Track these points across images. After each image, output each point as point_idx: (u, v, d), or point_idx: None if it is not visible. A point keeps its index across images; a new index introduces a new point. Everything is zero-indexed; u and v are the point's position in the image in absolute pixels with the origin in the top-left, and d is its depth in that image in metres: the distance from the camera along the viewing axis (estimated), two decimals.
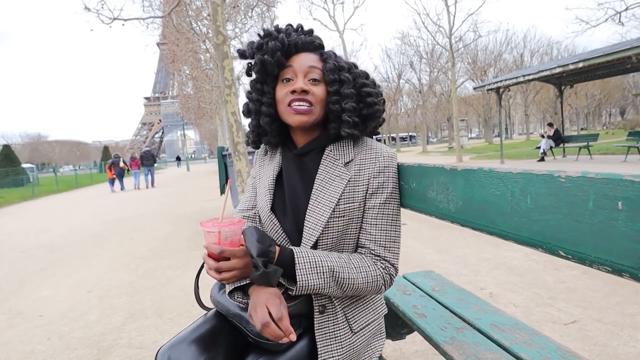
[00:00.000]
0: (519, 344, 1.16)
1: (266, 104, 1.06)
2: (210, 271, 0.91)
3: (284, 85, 1.04)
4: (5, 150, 28.68)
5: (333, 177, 1.02)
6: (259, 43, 1.04)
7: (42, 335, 2.79)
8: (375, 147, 1.06)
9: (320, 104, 1.03)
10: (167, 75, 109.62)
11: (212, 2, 4.69)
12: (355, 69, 1.09)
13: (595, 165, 10.51)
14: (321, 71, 1.05)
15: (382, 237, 1.02)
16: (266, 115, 1.06)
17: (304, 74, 1.03)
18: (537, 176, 0.64)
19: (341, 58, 1.09)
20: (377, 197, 1.02)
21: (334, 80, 1.04)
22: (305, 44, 1.06)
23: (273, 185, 1.09)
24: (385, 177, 1.03)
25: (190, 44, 15.66)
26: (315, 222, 0.98)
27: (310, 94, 1.01)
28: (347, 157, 1.05)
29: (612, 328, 2.22)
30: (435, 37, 23.86)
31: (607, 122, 63.64)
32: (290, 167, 1.08)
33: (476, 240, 4.25)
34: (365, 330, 1.04)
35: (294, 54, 1.05)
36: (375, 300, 1.11)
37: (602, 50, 10.52)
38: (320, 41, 1.10)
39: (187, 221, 7.20)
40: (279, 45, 1.01)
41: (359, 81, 1.06)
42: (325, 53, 1.08)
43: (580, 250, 0.57)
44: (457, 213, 0.85)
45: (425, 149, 34.03)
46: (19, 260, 5.36)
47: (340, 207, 0.99)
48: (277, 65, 1.03)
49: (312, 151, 1.08)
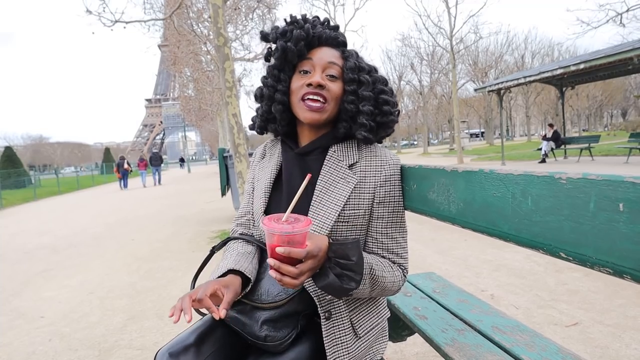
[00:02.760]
0: (520, 346, 1.16)
1: (281, 92, 1.05)
2: (285, 278, 0.78)
3: (301, 77, 1.03)
4: (7, 152, 28.76)
5: (337, 180, 1.01)
6: (283, 29, 1.03)
7: (43, 337, 2.79)
8: (380, 154, 1.04)
9: (335, 101, 1.02)
10: (168, 77, 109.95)
11: (213, 4, 4.70)
12: (376, 72, 1.08)
13: (597, 167, 10.49)
14: (340, 68, 1.03)
15: (393, 245, 1.03)
16: (279, 103, 1.05)
17: (323, 68, 1.02)
18: (538, 178, 0.64)
19: (362, 59, 1.08)
20: (385, 207, 1.01)
21: (352, 80, 1.02)
22: (329, 38, 1.05)
23: (270, 187, 1.07)
24: (391, 185, 1.02)
25: (191, 45, 15.67)
26: (320, 226, 0.96)
27: (326, 89, 1.00)
28: (351, 159, 1.03)
29: (614, 330, 2.21)
30: (436, 39, 23.85)
31: (609, 124, 63.53)
32: (291, 166, 1.06)
33: (477, 242, 4.24)
34: (369, 334, 1.04)
35: (316, 46, 1.04)
36: (380, 305, 1.11)
37: (604, 51, 10.51)
38: (344, 38, 1.09)
39: (188, 222, 7.20)
40: (303, 35, 1.00)
41: (377, 86, 1.05)
42: (348, 51, 1.07)
43: (582, 252, 0.57)
44: (457, 215, 0.85)
45: (426, 151, 34.01)
46: (21, 261, 5.37)
47: (346, 212, 0.98)
48: (298, 55, 1.02)
49: (315, 150, 1.06)
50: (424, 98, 35.42)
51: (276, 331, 0.92)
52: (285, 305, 0.94)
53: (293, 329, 0.95)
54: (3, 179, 20.67)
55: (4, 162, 27.30)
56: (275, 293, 0.94)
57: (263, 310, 0.93)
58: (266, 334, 0.91)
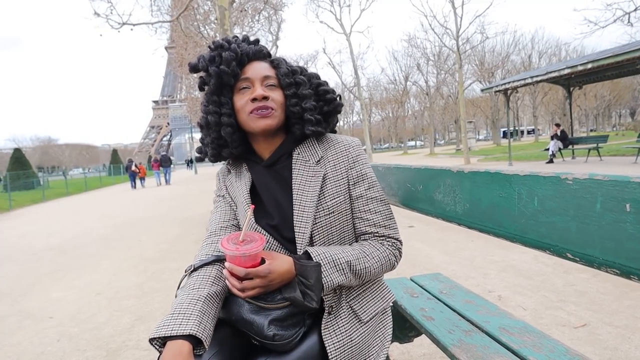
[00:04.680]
0: (527, 347, 1.15)
1: (226, 115, 1.06)
2: (233, 289, 0.91)
3: (242, 95, 1.06)
4: (16, 154, 29.06)
5: (309, 178, 1.05)
6: (210, 56, 1.05)
7: (52, 337, 2.82)
8: (341, 140, 1.11)
9: (281, 108, 1.07)
10: (175, 78, 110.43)
11: (220, 6, 4.73)
12: (306, 71, 1.13)
13: (605, 167, 10.39)
14: (276, 77, 1.08)
15: (379, 219, 1.07)
16: (227, 125, 1.06)
17: (261, 81, 1.05)
18: (544, 178, 0.64)
19: (290, 63, 1.13)
20: (361, 185, 1.07)
21: (290, 84, 1.07)
22: (255, 52, 1.09)
23: (249, 199, 1.09)
24: (361, 164, 1.08)
25: (198, 47, 15.74)
26: (305, 223, 1.00)
27: (270, 99, 1.04)
28: (316, 156, 1.08)
29: (623, 332, 2.19)
30: (442, 39, 23.83)
31: (617, 123, 62.92)
32: (264, 179, 1.10)
33: (484, 243, 4.22)
34: (374, 319, 1.07)
35: (246, 63, 1.07)
36: (382, 289, 1.14)
37: (611, 50, 10.43)
38: (267, 50, 1.14)
39: (194, 223, 7.23)
40: (232, 55, 1.03)
41: (314, 81, 1.11)
42: (276, 59, 1.12)
43: (588, 253, 0.57)
44: (464, 215, 0.85)
45: (432, 151, 33.88)
46: (30, 262, 5.42)
47: (327, 203, 1.03)
48: (233, 75, 1.04)
49: (280, 158, 1.10)
50: (431, 99, 35.27)
51: (284, 330, 0.93)
52: (292, 305, 0.95)
53: (300, 327, 0.97)
54: (12, 180, 20.92)
55: (13, 164, 27.60)
56: (278, 297, 0.95)
57: (270, 310, 0.94)
58: (274, 333, 0.92)
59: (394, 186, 1.36)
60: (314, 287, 0.91)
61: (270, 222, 1.05)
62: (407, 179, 1.05)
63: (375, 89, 47.85)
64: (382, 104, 50.36)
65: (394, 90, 42.48)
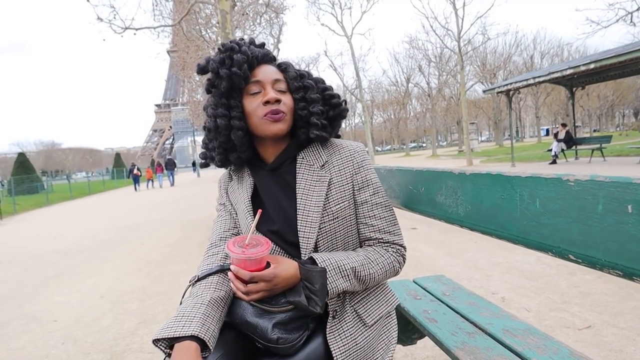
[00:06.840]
0: (531, 349, 1.15)
1: (236, 118, 1.04)
2: (238, 292, 0.92)
3: (253, 98, 1.04)
4: (20, 158, 29.16)
5: (313, 182, 1.04)
6: (220, 58, 1.04)
7: (56, 340, 2.83)
8: (346, 145, 1.11)
9: (290, 112, 1.06)
10: (177, 82, 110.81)
11: (221, 10, 4.75)
12: (312, 76, 1.13)
13: (609, 168, 10.34)
14: (285, 81, 1.08)
15: (384, 225, 1.06)
16: (238, 129, 1.04)
17: (272, 84, 1.05)
18: (546, 180, 0.64)
19: (295, 67, 1.13)
20: (366, 190, 1.06)
21: (298, 88, 1.07)
22: (263, 56, 1.08)
23: (250, 206, 1.08)
24: (366, 169, 1.08)
25: (200, 51, 15.79)
26: (310, 228, 1.00)
27: (282, 102, 1.04)
28: (320, 160, 1.08)
29: (628, 333, 2.18)
30: (444, 41, 23.71)
31: (621, 124, 62.69)
32: (267, 183, 1.09)
33: (487, 244, 4.20)
34: (379, 322, 1.07)
35: (255, 66, 1.07)
36: (386, 292, 1.14)
37: (614, 50, 10.39)
38: (273, 54, 1.14)
39: (197, 227, 7.24)
40: (244, 58, 1.02)
41: (320, 86, 1.11)
42: (283, 63, 1.12)
43: (591, 254, 0.57)
44: (466, 217, 0.85)
45: (434, 153, 33.84)
46: (34, 266, 5.45)
47: (331, 208, 1.02)
48: (244, 78, 1.03)
49: (284, 163, 1.09)
50: (432, 100, 35.26)
51: (288, 333, 0.93)
52: (293, 310, 0.95)
53: (304, 330, 0.97)
54: (16, 184, 21.04)
55: (17, 168, 27.72)
56: (282, 300, 0.95)
57: (274, 314, 0.94)
58: (278, 337, 0.92)
59: (396, 188, 1.36)
60: (318, 293, 0.92)
61: (271, 228, 1.04)
62: (409, 181, 1.05)
63: (377, 90, 47.91)
64: (384, 105, 50.34)
65: (396, 92, 42.46)
